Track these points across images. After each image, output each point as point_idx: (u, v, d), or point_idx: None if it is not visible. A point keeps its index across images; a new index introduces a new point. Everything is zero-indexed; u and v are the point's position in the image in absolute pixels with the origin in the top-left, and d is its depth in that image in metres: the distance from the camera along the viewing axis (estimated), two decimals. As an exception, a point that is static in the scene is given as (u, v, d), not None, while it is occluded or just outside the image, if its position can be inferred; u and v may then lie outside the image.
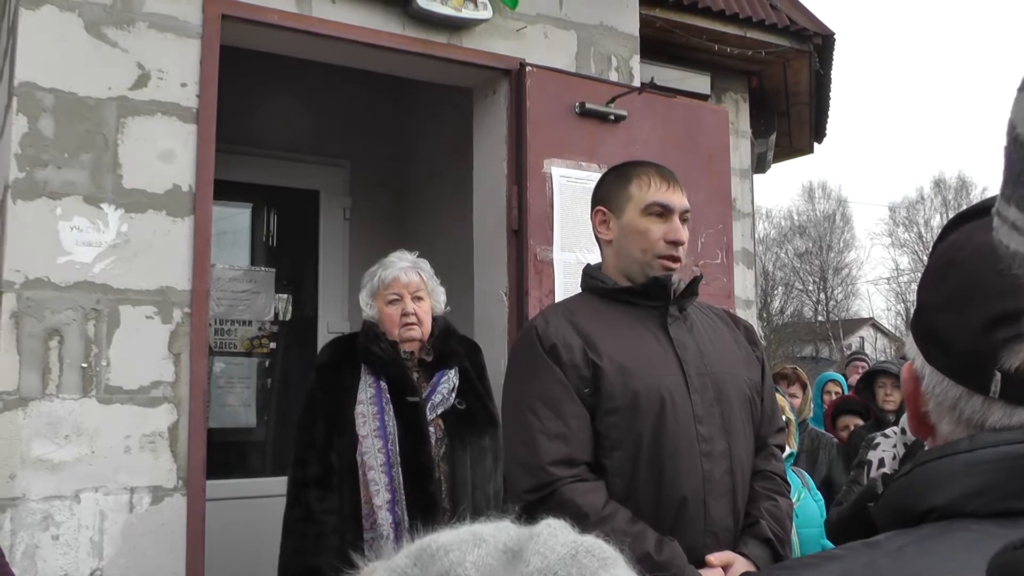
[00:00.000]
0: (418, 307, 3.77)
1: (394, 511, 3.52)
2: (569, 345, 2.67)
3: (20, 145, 3.67)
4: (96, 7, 3.86)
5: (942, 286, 1.02)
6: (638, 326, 2.76)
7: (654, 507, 2.59)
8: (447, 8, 4.58)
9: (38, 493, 3.58)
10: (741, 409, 2.77)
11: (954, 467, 0.94)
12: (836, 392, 7.68)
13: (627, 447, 2.62)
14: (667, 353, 2.72)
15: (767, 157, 8.97)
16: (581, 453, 2.60)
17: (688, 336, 2.77)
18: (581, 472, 2.59)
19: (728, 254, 5.24)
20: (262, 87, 5.99)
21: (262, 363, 6.31)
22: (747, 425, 2.79)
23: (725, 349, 2.84)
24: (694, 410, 2.66)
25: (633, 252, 2.80)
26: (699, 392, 2.69)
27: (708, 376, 2.72)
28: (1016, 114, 0.54)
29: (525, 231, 4.62)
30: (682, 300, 2.84)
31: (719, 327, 2.92)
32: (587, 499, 2.54)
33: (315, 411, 3.72)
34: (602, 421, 2.63)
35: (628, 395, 2.62)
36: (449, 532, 0.73)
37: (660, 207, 2.79)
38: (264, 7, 4.22)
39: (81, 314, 3.72)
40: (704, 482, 2.63)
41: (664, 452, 2.61)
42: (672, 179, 2.85)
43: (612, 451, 2.63)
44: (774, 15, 7.28)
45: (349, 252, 6.58)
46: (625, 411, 2.62)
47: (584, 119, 4.84)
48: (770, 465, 2.83)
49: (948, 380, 1.00)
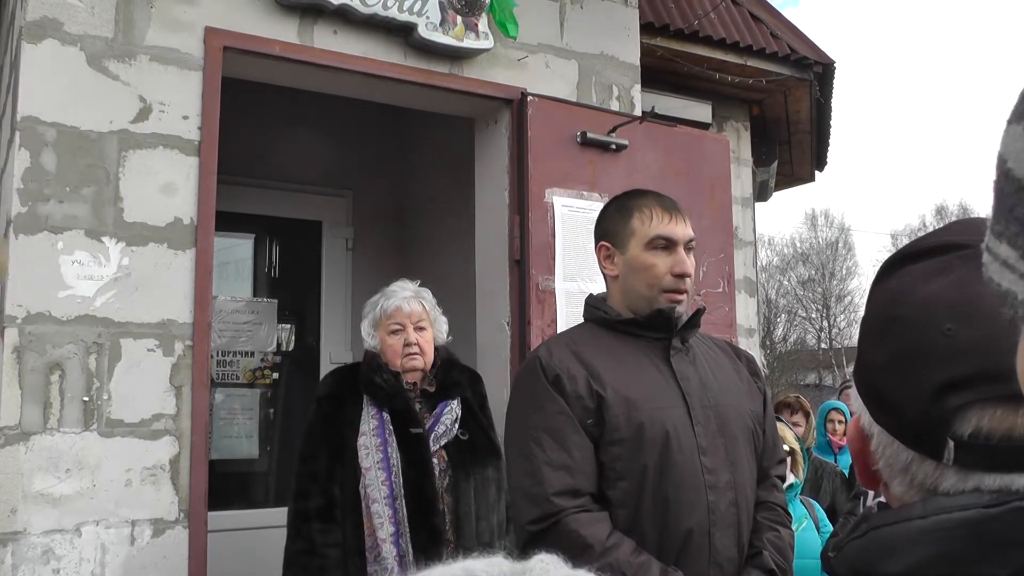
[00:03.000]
0: (420, 337, 3.75)
1: (398, 543, 3.50)
2: (573, 376, 2.66)
3: (22, 180, 3.67)
4: (98, 40, 3.87)
5: (885, 344, 0.98)
6: (641, 357, 2.75)
7: (659, 538, 2.58)
8: (448, 38, 4.60)
9: (39, 527, 3.57)
10: (744, 441, 2.76)
11: (908, 533, 0.90)
12: (839, 420, 7.64)
13: (632, 478, 2.61)
14: (670, 385, 2.71)
15: (769, 185, 8.98)
16: (585, 484, 2.60)
17: (691, 368, 2.76)
18: (585, 503, 2.58)
19: (730, 283, 5.24)
20: (264, 118, 6.01)
21: (264, 394, 6.30)
22: (750, 456, 2.77)
23: (727, 381, 2.83)
24: (698, 442, 2.65)
25: (639, 287, 2.79)
26: (702, 424, 2.68)
27: (711, 408, 2.71)
28: (1006, 147, 0.53)
29: (527, 261, 4.61)
30: (684, 332, 2.82)
31: (721, 358, 2.90)
32: (591, 530, 2.53)
33: (317, 442, 3.70)
34: (606, 452, 2.62)
35: (633, 427, 2.62)
36: (441, 567, 0.71)
37: (664, 240, 2.78)
38: (266, 39, 4.23)
39: (82, 348, 3.72)
40: (709, 513, 2.62)
41: (669, 484, 2.60)
42: (674, 209, 2.83)
43: (617, 482, 2.61)
44: (775, 44, 7.31)
45: (351, 282, 6.58)
46: (630, 443, 2.61)
47: (586, 148, 4.84)
48: (772, 496, 2.82)
49: (898, 443, 0.96)
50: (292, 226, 6.64)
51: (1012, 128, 0.53)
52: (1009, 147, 0.53)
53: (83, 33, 3.84)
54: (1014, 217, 0.52)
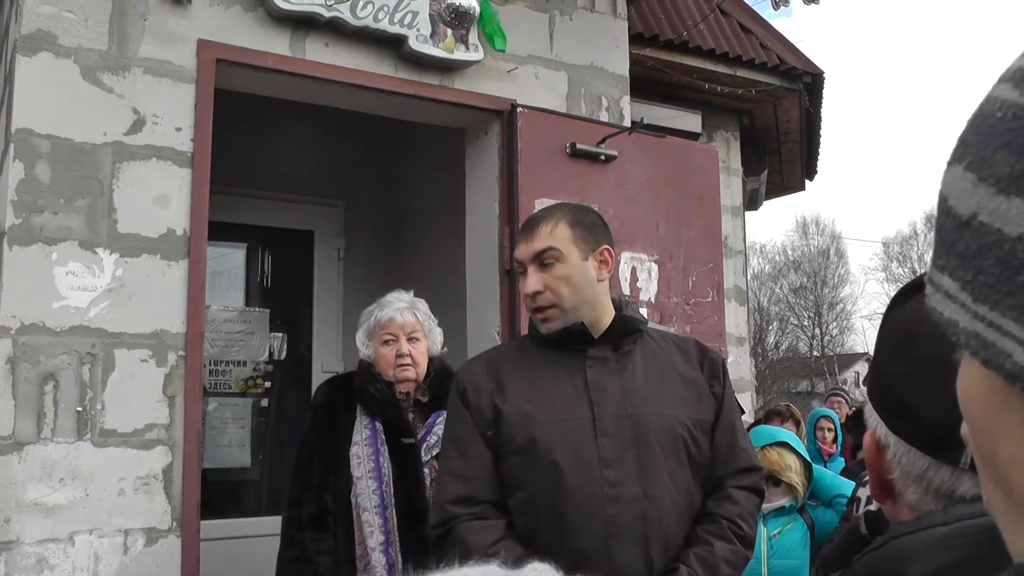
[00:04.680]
0: (413, 348, 3.76)
1: (388, 553, 3.52)
2: (478, 389, 2.76)
3: (16, 192, 3.69)
4: (92, 53, 3.90)
5: (906, 357, 1.02)
6: (558, 370, 2.76)
7: (552, 548, 2.56)
8: (439, 50, 4.63)
9: (32, 536, 3.58)
10: (667, 451, 2.69)
11: (931, 540, 0.93)
12: (829, 428, 7.67)
13: (527, 489, 2.67)
14: (580, 396, 2.71)
15: (759, 194, 9.01)
16: (481, 492, 2.68)
17: (612, 378, 2.74)
18: (481, 511, 2.66)
19: (719, 292, 5.27)
20: (256, 129, 6.03)
21: (257, 403, 6.31)
22: (679, 468, 2.70)
23: (664, 388, 2.77)
24: (600, 454, 2.63)
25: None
26: (610, 435, 2.66)
27: (627, 418, 2.68)
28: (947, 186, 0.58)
29: (517, 271, 4.63)
30: (618, 339, 2.80)
31: (673, 362, 2.84)
32: (476, 537, 2.61)
33: (311, 451, 3.72)
34: (504, 463, 2.70)
35: (526, 439, 2.67)
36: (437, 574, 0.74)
37: (519, 264, 2.82)
38: (258, 51, 4.26)
39: (76, 358, 3.74)
40: (608, 527, 2.59)
41: (562, 497, 2.62)
42: (526, 230, 2.84)
43: (514, 492, 2.68)
44: (764, 54, 7.36)
45: (343, 292, 6.60)
46: (522, 454, 2.67)
47: (575, 159, 4.87)
48: (721, 508, 2.73)
49: (915, 451, 1.00)
50: (284, 236, 6.66)
51: (953, 168, 0.58)
52: (950, 186, 0.57)
53: (77, 46, 3.87)
54: (955, 252, 0.56)
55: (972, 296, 0.55)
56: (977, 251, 0.54)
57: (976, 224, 0.54)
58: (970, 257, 0.55)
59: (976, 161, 0.55)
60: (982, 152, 0.54)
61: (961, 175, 0.56)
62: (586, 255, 2.77)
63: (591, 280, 2.77)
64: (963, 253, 0.55)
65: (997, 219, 0.53)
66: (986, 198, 0.53)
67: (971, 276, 0.55)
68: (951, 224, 0.57)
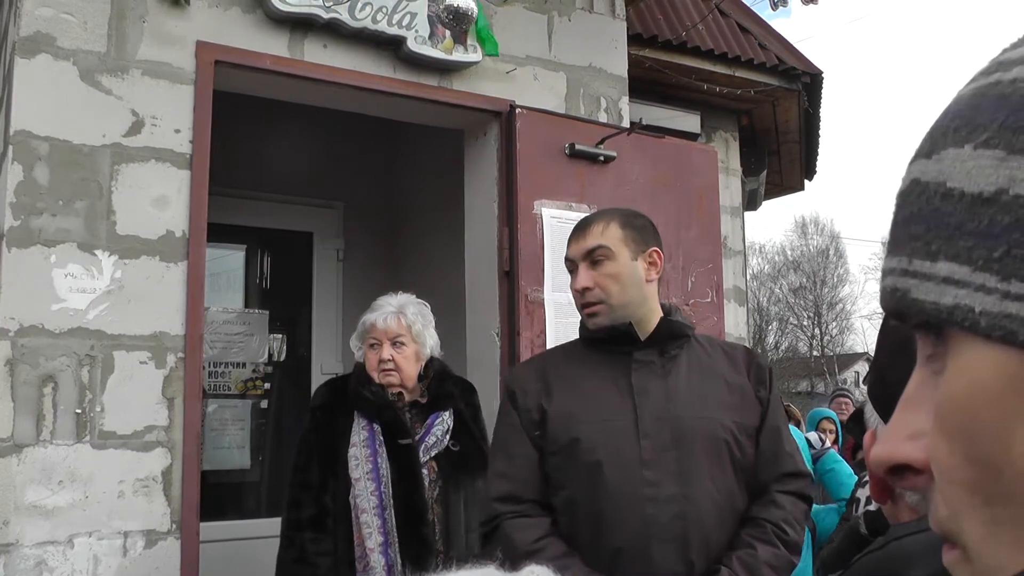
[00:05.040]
0: (397, 353, 3.74)
1: (387, 553, 3.52)
2: (526, 391, 2.86)
3: (15, 193, 3.69)
4: (90, 55, 3.90)
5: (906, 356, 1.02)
6: (603, 372, 2.82)
7: (592, 549, 2.67)
8: (438, 51, 4.63)
9: (32, 539, 3.58)
10: (708, 454, 2.73)
11: (932, 542, 0.92)
12: (831, 430, 7.67)
13: (568, 488, 2.74)
14: (623, 398, 2.76)
15: (758, 194, 9.01)
16: (526, 491, 2.77)
17: (655, 381, 2.79)
18: (525, 509, 2.76)
19: (718, 292, 5.27)
20: (255, 130, 6.03)
21: (256, 404, 6.31)
22: (720, 471, 2.74)
23: (708, 393, 2.81)
24: (642, 455, 2.68)
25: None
26: (651, 437, 2.70)
27: (668, 420, 2.73)
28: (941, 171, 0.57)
29: (516, 272, 4.65)
30: (664, 343, 2.84)
31: (718, 368, 2.88)
32: (521, 534, 2.70)
33: (310, 453, 3.72)
34: (548, 463, 2.78)
35: (568, 439, 2.75)
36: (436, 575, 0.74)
37: (569, 262, 2.90)
38: (256, 52, 4.26)
39: (75, 360, 3.74)
40: (645, 526, 2.64)
41: (602, 495, 2.68)
42: (579, 227, 2.92)
43: (557, 491, 2.77)
44: (763, 55, 7.35)
45: (342, 293, 6.60)
46: (565, 454, 2.75)
47: (574, 160, 4.87)
48: (766, 512, 2.75)
49: None
50: (283, 237, 6.67)
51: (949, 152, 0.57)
52: (949, 170, 0.57)
53: (76, 48, 3.87)
54: (966, 232, 0.55)
55: (1001, 274, 0.53)
56: (1011, 225, 0.53)
57: (1007, 198, 0.53)
58: (997, 234, 0.53)
59: (1000, 137, 0.54)
60: (1014, 126, 0.54)
61: (971, 154, 0.55)
62: (635, 255, 2.85)
63: (640, 280, 2.84)
64: (985, 231, 0.54)
65: None
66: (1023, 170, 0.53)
67: (1000, 253, 0.53)
68: (955, 206, 0.56)
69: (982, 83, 0.58)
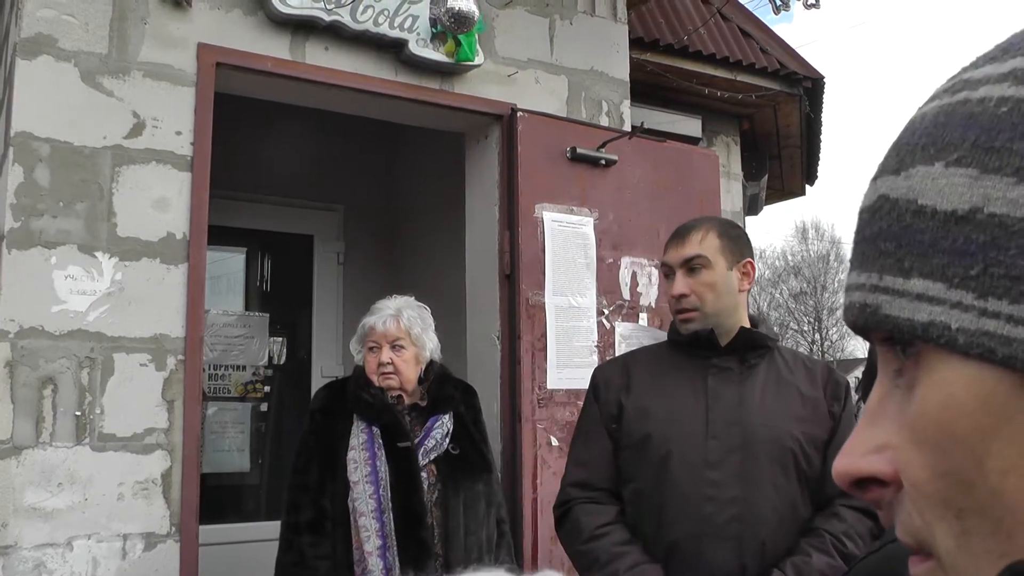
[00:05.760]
0: (396, 356, 3.74)
1: (385, 557, 3.51)
2: (608, 385, 3.00)
3: (15, 195, 3.69)
4: (92, 57, 3.90)
5: None
6: (682, 375, 2.93)
7: (652, 539, 2.79)
8: (439, 54, 4.63)
9: (31, 541, 3.58)
10: (773, 461, 2.79)
11: None
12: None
13: (637, 481, 2.86)
14: (697, 400, 2.86)
15: (759, 199, 9.00)
16: (598, 479, 2.92)
17: (731, 387, 2.87)
18: (597, 496, 2.90)
19: (720, 297, 5.25)
20: (256, 133, 6.02)
21: (256, 407, 6.30)
22: (784, 478, 2.79)
23: (780, 403, 2.87)
24: (707, 456, 2.77)
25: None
26: (719, 439, 2.79)
27: (737, 425, 2.80)
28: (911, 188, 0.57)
29: (517, 275, 4.64)
30: (744, 352, 2.91)
31: (796, 380, 2.94)
32: (588, 518, 2.85)
33: (309, 456, 3.71)
34: (620, 455, 2.91)
35: (641, 434, 2.87)
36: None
37: (666, 267, 2.98)
38: (258, 55, 4.26)
39: (75, 362, 3.73)
40: (702, 524, 2.72)
41: (665, 491, 2.79)
42: (676, 235, 2.99)
43: (627, 483, 2.89)
44: (764, 59, 7.35)
45: (343, 296, 6.60)
46: (636, 448, 2.87)
47: (575, 164, 4.87)
48: (827, 524, 2.78)
49: None
50: (284, 240, 6.67)
51: (918, 170, 0.58)
52: (918, 187, 0.57)
53: (77, 49, 3.87)
54: (941, 250, 0.55)
55: (978, 292, 0.53)
56: (987, 244, 0.53)
57: (982, 217, 0.53)
58: (973, 252, 0.53)
59: (973, 156, 0.55)
60: (986, 146, 0.54)
61: (943, 172, 0.56)
62: (731, 265, 2.93)
63: (733, 289, 2.92)
64: (960, 249, 0.54)
65: (1018, 208, 0.52)
66: (999, 189, 0.53)
67: (977, 271, 0.53)
68: (928, 223, 0.56)
69: (947, 101, 0.59)
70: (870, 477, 0.60)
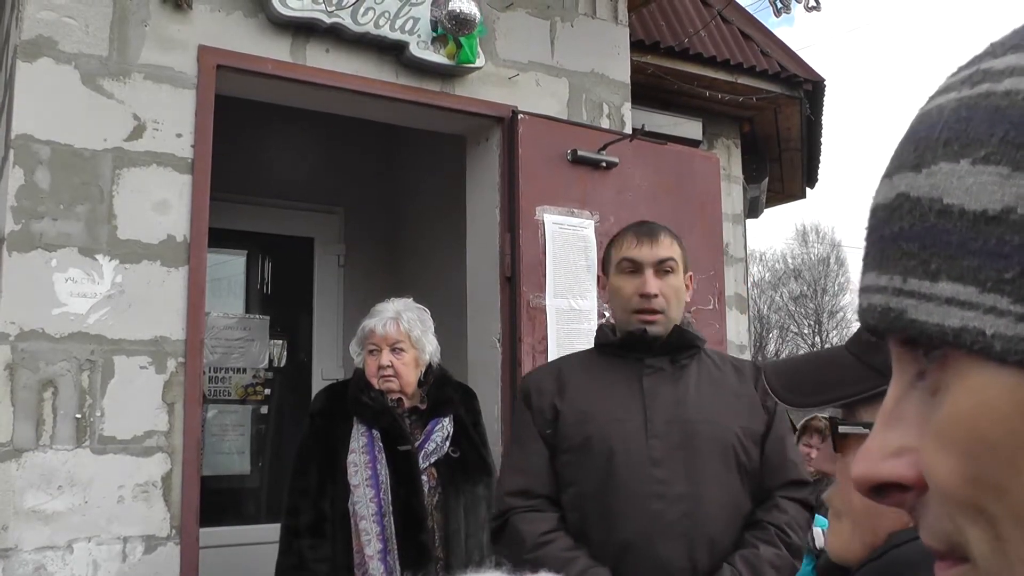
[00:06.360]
0: (396, 359, 3.74)
1: (386, 560, 3.51)
2: (541, 391, 2.98)
3: (16, 197, 3.69)
4: (92, 59, 3.89)
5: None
6: (617, 377, 2.93)
7: (601, 543, 2.76)
8: (440, 56, 4.62)
9: (31, 544, 3.57)
10: (715, 457, 2.82)
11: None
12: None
13: (578, 484, 2.84)
14: (633, 400, 2.86)
15: (760, 202, 9.00)
16: (538, 486, 2.89)
17: (667, 387, 2.89)
18: (536, 504, 2.87)
19: (720, 300, 5.26)
20: (256, 135, 6.02)
21: (256, 410, 6.30)
22: (726, 474, 2.84)
23: (716, 400, 2.90)
24: (650, 453, 2.78)
25: (617, 311, 3.00)
26: (660, 437, 2.80)
27: (677, 423, 2.82)
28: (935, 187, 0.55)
29: (518, 278, 4.64)
30: (676, 353, 2.93)
31: (726, 379, 2.98)
32: (529, 527, 2.81)
33: (309, 459, 3.71)
34: (559, 460, 2.88)
35: (581, 436, 2.85)
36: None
37: (629, 263, 2.94)
38: (258, 57, 4.26)
39: (75, 365, 3.73)
40: (652, 522, 2.73)
41: (611, 492, 2.78)
42: (646, 234, 2.97)
43: (567, 488, 2.86)
44: (765, 62, 7.35)
45: (343, 299, 6.59)
46: (577, 451, 2.85)
47: (576, 166, 4.87)
48: (769, 515, 2.84)
49: None
50: (284, 243, 6.66)
51: (944, 167, 0.55)
52: (943, 186, 0.54)
53: (78, 51, 3.87)
54: (969, 252, 0.53)
55: (1014, 296, 0.51)
56: (1021, 246, 0.50)
57: (1016, 217, 0.51)
58: (1008, 254, 0.51)
59: (1002, 153, 0.52)
60: (1016, 142, 0.52)
61: (970, 170, 0.53)
62: (684, 273, 3.00)
63: (684, 299, 2.98)
64: (993, 251, 0.52)
65: None
66: None
67: (1012, 275, 0.51)
68: (955, 224, 0.54)
69: (968, 93, 0.56)
70: (892, 482, 0.59)
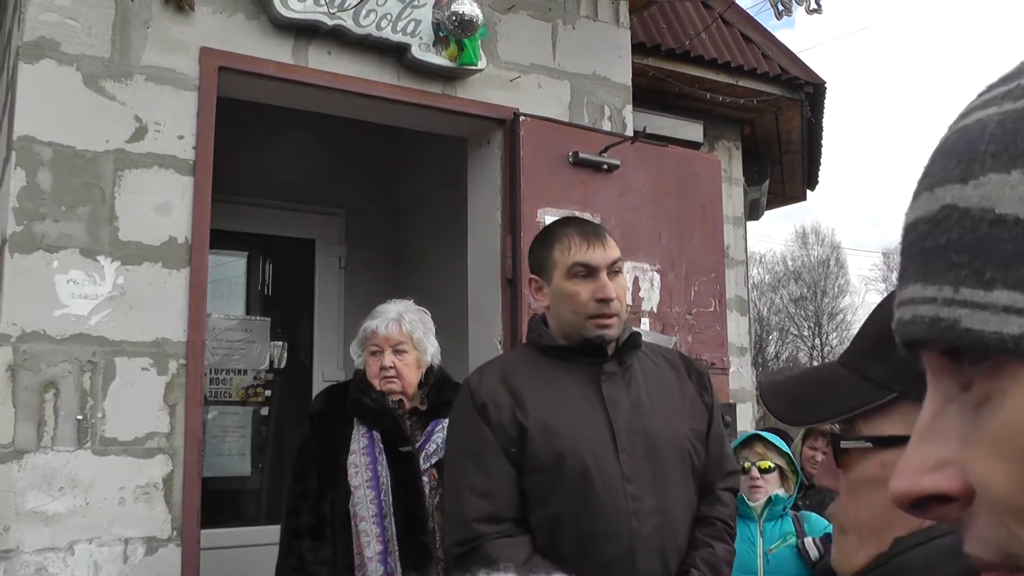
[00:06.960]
0: (398, 360, 3.73)
1: (386, 562, 3.50)
2: (498, 404, 2.75)
3: (18, 199, 3.69)
4: (94, 61, 3.90)
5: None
6: (571, 383, 2.80)
7: (576, 562, 2.59)
8: (442, 58, 4.63)
9: (32, 545, 3.57)
10: (676, 464, 2.78)
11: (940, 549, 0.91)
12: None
13: (552, 505, 2.69)
14: (596, 411, 2.75)
15: (760, 204, 9.00)
16: (506, 510, 2.69)
17: (623, 392, 2.80)
18: (506, 528, 2.68)
19: (721, 302, 5.26)
20: (258, 137, 6.02)
21: (257, 411, 6.30)
22: (685, 479, 2.80)
23: (665, 401, 2.85)
24: (622, 469, 2.70)
25: (566, 316, 2.82)
26: (628, 451, 2.72)
27: (640, 433, 2.75)
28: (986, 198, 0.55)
29: (519, 280, 4.64)
30: (622, 354, 2.85)
31: (665, 375, 2.92)
32: (507, 554, 2.59)
33: (308, 461, 3.71)
34: (528, 479, 2.71)
35: (552, 455, 2.69)
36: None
37: (583, 267, 2.80)
38: (260, 59, 4.26)
39: (77, 366, 3.73)
40: (631, 540, 2.66)
41: (589, 511, 2.67)
42: (594, 235, 2.85)
43: (538, 508, 2.70)
44: (766, 64, 7.36)
45: (344, 301, 6.59)
46: (549, 471, 2.69)
47: (577, 168, 4.87)
48: (714, 511, 2.84)
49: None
50: (285, 244, 6.66)
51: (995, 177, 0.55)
52: (995, 196, 0.55)
53: (80, 53, 3.87)
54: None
55: None
56: None
57: None
58: None
59: None
60: None
61: (1022, 180, 0.53)
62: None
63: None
64: None
65: None
66: None
67: None
68: (1010, 233, 0.54)
69: (1012, 107, 0.56)
70: (934, 495, 0.59)
